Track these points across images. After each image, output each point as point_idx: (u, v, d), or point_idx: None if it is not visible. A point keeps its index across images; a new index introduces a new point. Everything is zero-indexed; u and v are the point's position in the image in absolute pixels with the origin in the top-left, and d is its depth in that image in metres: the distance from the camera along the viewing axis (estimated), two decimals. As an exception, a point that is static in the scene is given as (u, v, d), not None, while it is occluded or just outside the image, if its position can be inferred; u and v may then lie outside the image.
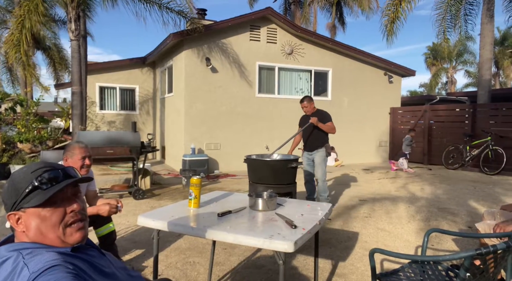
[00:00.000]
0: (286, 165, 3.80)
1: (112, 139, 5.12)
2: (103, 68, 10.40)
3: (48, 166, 1.04)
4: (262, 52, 9.18)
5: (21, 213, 0.97)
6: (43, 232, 0.97)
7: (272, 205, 2.24)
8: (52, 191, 0.97)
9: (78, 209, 1.03)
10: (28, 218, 0.97)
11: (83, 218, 1.06)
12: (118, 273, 1.11)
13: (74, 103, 7.23)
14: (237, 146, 8.67)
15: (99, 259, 1.08)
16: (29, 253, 0.92)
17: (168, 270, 2.95)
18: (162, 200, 5.44)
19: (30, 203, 0.96)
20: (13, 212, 0.98)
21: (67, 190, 1.03)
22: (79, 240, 1.03)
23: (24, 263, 0.87)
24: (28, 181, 0.98)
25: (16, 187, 0.98)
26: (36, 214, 0.97)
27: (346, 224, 4.36)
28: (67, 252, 0.98)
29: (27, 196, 0.97)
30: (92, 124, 10.10)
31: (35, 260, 0.88)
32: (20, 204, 0.97)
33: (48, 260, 0.88)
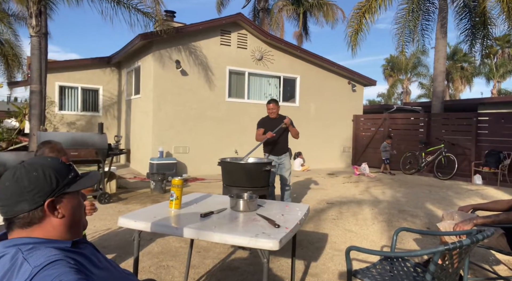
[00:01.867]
0: (260, 168, 3.86)
1: (76, 141, 4.90)
2: (64, 66, 9.90)
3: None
4: (233, 57, 9.24)
5: (61, 199, 0.99)
6: (76, 218, 1.03)
7: (253, 206, 2.28)
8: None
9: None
10: (68, 203, 1.00)
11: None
12: (112, 268, 1.12)
13: (32, 102, 6.81)
14: (206, 150, 8.62)
15: (94, 254, 1.09)
16: (29, 249, 0.90)
17: (142, 274, 2.88)
18: (130, 204, 5.28)
19: (76, 186, 1.02)
20: (52, 198, 0.97)
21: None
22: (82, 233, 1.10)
23: (24, 258, 0.86)
24: (66, 168, 1.03)
25: (58, 172, 0.99)
26: (73, 199, 1.02)
27: (316, 226, 4.50)
28: (67, 247, 0.97)
29: (69, 183, 1.01)
30: (50, 125, 9.55)
31: (36, 255, 0.87)
32: (63, 188, 0.99)
33: (49, 255, 0.88)
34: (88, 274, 0.93)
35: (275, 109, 4.79)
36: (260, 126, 4.84)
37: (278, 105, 4.84)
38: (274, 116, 4.83)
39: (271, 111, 4.81)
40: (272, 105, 4.79)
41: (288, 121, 4.67)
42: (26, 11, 7.35)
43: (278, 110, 4.85)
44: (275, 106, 4.79)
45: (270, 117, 4.86)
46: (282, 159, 4.89)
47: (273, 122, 4.78)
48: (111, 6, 7.60)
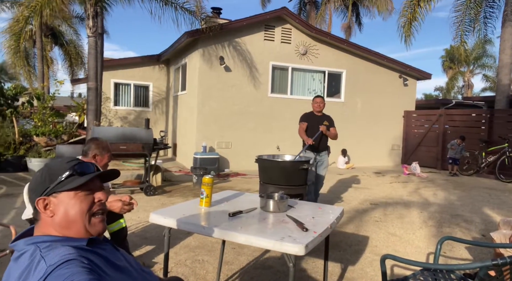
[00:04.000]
0: (297, 166, 3.79)
1: (125, 135, 5.18)
2: (118, 64, 10.54)
3: (80, 160, 1.11)
4: (276, 52, 9.16)
5: (51, 198, 1.01)
6: (70, 218, 1.01)
7: (283, 207, 2.23)
8: (89, 176, 1.04)
9: (105, 198, 1.08)
10: (58, 204, 1.01)
11: (104, 211, 1.11)
12: (131, 268, 1.13)
13: (89, 98, 7.34)
14: (248, 145, 8.68)
15: (112, 253, 1.10)
16: (46, 247, 0.94)
17: (178, 267, 2.97)
18: (173, 197, 5.49)
19: (66, 186, 1.01)
20: (43, 197, 1.01)
21: (96, 181, 1.09)
22: (100, 231, 1.08)
23: (41, 256, 0.89)
24: (65, 168, 1.04)
25: (52, 173, 1.03)
26: (67, 200, 1.01)
27: (357, 227, 4.32)
28: (82, 246, 0.99)
29: (61, 182, 1.02)
30: (105, 120, 10.25)
31: (52, 253, 0.90)
32: (54, 188, 1.01)
33: (64, 254, 0.90)
34: (101, 274, 0.94)
35: (322, 104, 4.77)
36: (303, 121, 4.82)
37: (324, 100, 4.83)
38: (319, 112, 4.79)
39: (317, 106, 4.76)
40: (319, 100, 4.77)
41: (324, 130, 4.56)
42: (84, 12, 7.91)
43: (324, 107, 4.82)
44: (322, 100, 4.79)
45: (314, 114, 4.81)
46: (322, 156, 4.81)
47: (317, 119, 4.73)
48: (160, 6, 7.92)
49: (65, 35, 20.15)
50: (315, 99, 4.82)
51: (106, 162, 2.64)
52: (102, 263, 1.00)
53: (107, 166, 2.69)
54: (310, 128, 4.70)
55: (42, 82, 15.00)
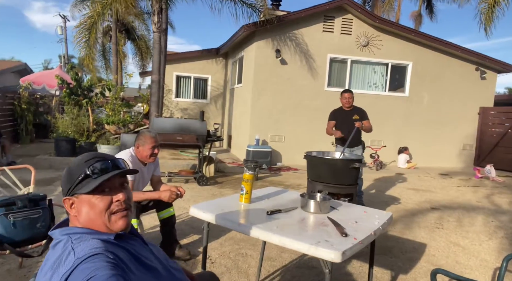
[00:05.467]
0: (348, 164, 3.61)
1: (181, 126, 5.42)
2: (180, 58, 11.03)
3: (100, 156, 1.11)
4: (335, 44, 8.81)
5: (74, 199, 1.06)
6: (91, 217, 1.05)
7: (325, 208, 2.13)
8: (100, 180, 1.04)
9: (124, 198, 1.09)
10: (80, 204, 1.05)
11: (127, 207, 1.11)
12: (158, 265, 1.13)
13: (152, 90, 7.80)
14: (301, 140, 8.54)
15: (141, 249, 1.12)
16: (77, 238, 0.99)
17: (221, 259, 3.03)
18: (223, 188, 5.62)
19: (82, 189, 1.04)
20: (68, 197, 1.07)
21: (114, 180, 1.09)
22: (123, 228, 1.08)
23: (72, 247, 0.95)
24: (81, 169, 1.06)
25: (71, 174, 1.07)
26: (87, 201, 1.04)
27: (413, 233, 4.02)
28: (110, 240, 1.03)
29: (79, 183, 1.05)
30: (167, 111, 10.84)
31: (81, 246, 0.95)
32: (74, 190, 1.05)
33: (92, 247, 0.94)
34: (125, 270, 0.96)
35: (351, 99, 4.64)
36: (331, 119, 4.72)
37: (353, 95, 4.69)
38: (348, 107, 4.64)
39: (346, 101, 4.64)
40: (348, 95, 4.63)
41: (359, 125, 4.38)
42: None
43: (353, 101, 4.68)
44: (351, 95, 4.64)
45: (344, 109, 4.68)
46: (354, 151, 4.60)
47: (346, 114, 4.58)
48: (219, 0, 8.09)
49: (136, 31, 21.61)
50: (344, 95, 4.68)
51: (149, 153, 2.70)
52: (128, 259, 1.01)
53: (152, 156, 2.74)
54: (340, 124, 4.58)
55: (116, 75, 16.33)
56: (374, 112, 7.90)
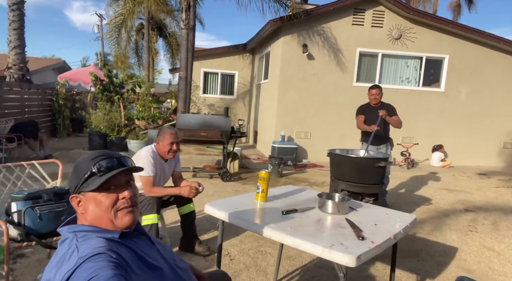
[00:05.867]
0: (373, 163, 3.48)
1: (206, 123, 5.47)
2: (208, 54, 11.14)
3: (107, 154, 1.12)
4: (365, 38, 8.52)
5: (81, 196, 1.07)
6: (97, 215, 1.06)
7: (343, 209, 2.06)
8: (105, 177, 1.05)
9: (129, 196, 1.09)
10: (87, 201, 1.06)
11: (133, 204, 1.11)
12: (164, 265, 1.12)
13: (180, 87, 7.94)
14: (328, 137, 8.37)
15: (146, 248, 1.12)
16: (82, 236, 1.00)
17: (240, 256, 3.03)
18: (247, 185, 5.63)
19: (88, 187, 1.05)
20: (75, 195, 1.08)
21: (120, 177, 1.10)
22: (128, 224, 1.09)
23: (76, 246, 0.96)
24: (87, 167, 1.07)
25: (78, 172, 1.08)
26: (93, 198, 1.05)
27: (443, 235, 3.82)
28: (114, 238, 1.03)
29: (85, 181, 1.06)
30: (195, 107, 11.00)
31: (85, 245, 0.96)
32: (80, 188, 1.07)
33: (96, 246, 0.94)
34: (128, 270, 0.95)
35: (379, 96, 4.47)
36: (359, 113, 4.56)
37: (381, 91, 4.50)
38: (376, 104, 4.48)
39: (373, 98, 4.48)
40: (376, 91, 4.46)
41: (383, 114, 4.21)
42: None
43: (381, 97, 4.51)
44: (379, 91, 4.47)
45: (371, 105, 4.51)
46: (381, 149, 4.44)
47: (375, 110, 4.38)
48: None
49: (168, 28, 22.08)
50: (371, 91, 4.51)
51: (168, 149, 2.73)
52: (132, 258, 1.01)
53: (170, 152, 2.76)
54: (368, 121, 4.38)
55: (148, 71, 16.80)
56: (405, 109, 7.58)
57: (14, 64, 9.72)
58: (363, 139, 4.61)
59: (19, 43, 9.78)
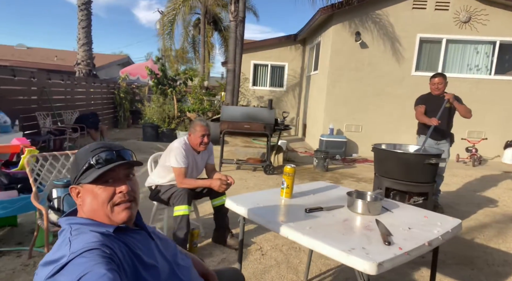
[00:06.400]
0: (422, 160, 3.16)
1: (249, 115, 5.45)
2: (258, 46, 11.11)
3: (107, 146, 1.09)
4: (427, 22, 7.79)
5: (80, 188, 1.06)
6: (94, 208, 1.04)
7: (374, 209, 1.88)
8: (102, 169, 1.03)
9: (126, 190, 1.06)
10: (85, 193, 1.05)
11: (131, 199, 1.08)
12: (161, 261, 1.09)
13: (228, 79, 8.03)
14: (381, 130, 7.88)
15: (143, 243, 1.08)
16: (76, 229, 0.99)
17: (272, 251, 2.97)
18: (290, 178, 5.51)
19: (86, 179, 1.04)
20: (74, 186, 1.08)
21: (119, 171, 1.07)
22: (125, 219, 1.06)
23: (69, 239, 0.94)
24: (86, 158, 1.05)
25: (77, 162, 1.07)
26: (91, 190, 1.04)
27: (507, 243, 3.37)
28: (109, 233, 1.00)
29: (84, 173, 1.05)
30: (244, 99, 11.08)
31: (78, 239, 0.94)
32: (79, 179, 1.06)
33: (88, 241, 0.92)
34: (119, 265, 0.93)
35: (442, 85, 3.96)
36: (420, 103, 4.08)
37: (446, 80, 3.99)
38: (438, 93, 3.99)
39: (436, 87, 3.99)
40: (438, 80, 3.96)
41: (451, 97, 3.75)
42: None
43: (445, 87, 4.00)
44: (443, 80, 3.96)
45: (433, 96, 4.04)
46: (441, 145, 3.97)
47: (437, 100, 3.91)
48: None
49: (223, 22, 22.49)
50: (433, 80, 4.01)
51: (199, 141, 2.74)
52: (125, 254, 0.98)
53: (201, 144, 2.77)
54: (430, 113, 3.92)
55: (203, 65, 17.30)
56: (474, 100, 6.80)
57: (82, 60, 10.64)
58: (420, 132, 4.17)
59: (87, 40, 10.67)
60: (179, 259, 1.20)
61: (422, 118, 3.98)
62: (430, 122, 3.77)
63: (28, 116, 5.87)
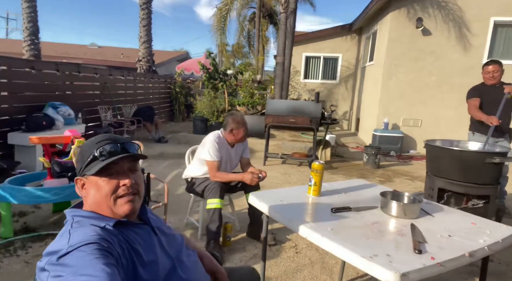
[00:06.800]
0: (483, 158, 2.79)
1: (295, 108, 5.32)
2: (310, 38, 10.80)
3: (112, 139, 1.09)
4: (504, 3, 6.89)
5: (84, 179, 1.07)
6: (97, 200, 1.04)
7: (411, 212, 1.69)
8: (105, 162, 1.03)
9: (130, 183, 1.05)
10: (89, 185, 1.05)
11: (134, 192, 1.07)
12: (161, 257, 1.07)
13: (276, 73, 7.94)
14: (444, 125, 7.19)
15: (145, 238, 1.06)
16: (77, 222, 1.00)
17: (308, 249, 2.86)
18: (336, 174, 5.29)
19: (90, 171, 1.04)
20: (79, 177, 1.08)
21: (123, 164, 1.06)
22: (127, 212, 1.05)
23: (69, 232, 0.95)
24: (91, 150, 1.05)
25: (82, 154, 1.08)
26: (94, 182, 1.04)
27: None
28: (109, 227, 0.99)
29: (88, 164, 1.05)
30: (294, 92, 10.88)
31: (77, 232, 0.94)
32: (84, 171, 1.06)
33: (87, 235, 0.92)
34: (117, 259, 0.92)
35: (498, 73, 3.45)
36: (474, 96, 3.56)
37: (502, 67, 3.46)
38: (494, 82, 3.47)
39: (490, 76, 3.47)
40: (493, 68, 3.44)
41: (510, 90, 3.24)
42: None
43: (501, 76, 3.48)
44: (498, 68, 3.44)
45: (488, 85, 3.53)
46: (499, 143, 3.46)
47: (493, 91, 3.43)
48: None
49: (278, 15, 22.33)
50: (486, 68, 3.48)
51: (242, 135, 2.77)
52: (124, 248, 0.97)
53: (244, 138, 2.82)
54: (486, 105, 3.45)
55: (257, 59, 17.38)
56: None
57: (143, 57, 11.31)
58: (474, 128, 3.69)
59: (147, 38, 11.30)
60: (184, 256, 1.17)
61: (478, 115, 3.47)
62: (488, 121, 3.30)
63: (91, 109, 6.40)
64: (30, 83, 4.95)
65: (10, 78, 4.56)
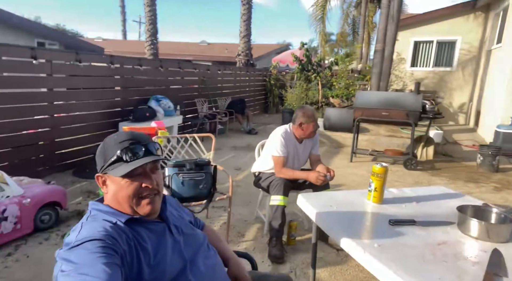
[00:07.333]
0: None
1: (389, 101, 4.76)
2: (419, 21, 9.51)
3: (135, 139, 1.09)
4: None
5: (106, 177, 1.08)
6: (118, 199, 1.05)
7: (497, 234, 1.31)
8: (133, 165, 1.03)
9: (152, 185, 1.06)
10: (111, 183, 1.07)
11: (155, 193, 1.07)
12: (169, 259, 1.04)
13: (375, 61, 7.26)
14: None
15: (157, 236, 1.05)
16: (92, 216, 1.04)
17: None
18: (436, 176, 4.56)
19: (113, 171, 1.05)
20: (100, 174, 1.09)
21: (146, 165, 1.06)
22: (148, 212, 1.06)
23: (81, 225, 0.99)
24: (115, 150, 1.05)
25: (105, 152, 1.08)
26: (117, 182, 1.05)
27: None
28: (120, 223, 1.00)
29: (111, 164, 1.06)
30: (398, 82, 9.80)
31: (87, 226, 0.97)
32: (106, 169, 1.07)
33: (95, 231, 0.94)
34: (123, 256, 0.93)
35: None
36: None
37: None
38: None
39: None
40: None
41: None
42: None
43: None
44: None
45: None
46: None
47: None
48: None
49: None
50: None
51: (311, 130, 2.60)
52: (133, 247, 0.97)
53: (313, 134, 2.64)
54: None
55: (361, 47, 16.20)
56: None
57: (242, 51, 11.78)
58: None
59: (247, 33, 11.71)
60: (200, 258, 1.12)
61: None
62: None
63: (190, 102, 6.96)
64: (138, 78, 5.65)
65: (123, 74, 5.26)
